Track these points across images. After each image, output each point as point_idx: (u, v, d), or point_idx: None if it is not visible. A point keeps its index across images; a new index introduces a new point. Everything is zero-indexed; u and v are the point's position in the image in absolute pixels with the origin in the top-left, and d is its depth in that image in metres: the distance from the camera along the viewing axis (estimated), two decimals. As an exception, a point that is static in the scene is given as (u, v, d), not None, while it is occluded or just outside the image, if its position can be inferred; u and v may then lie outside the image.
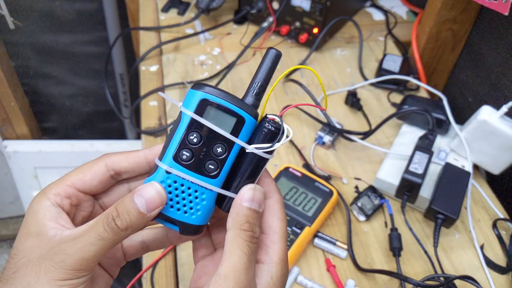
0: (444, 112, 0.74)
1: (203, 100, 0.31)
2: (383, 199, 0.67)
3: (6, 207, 1.57)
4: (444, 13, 0.83)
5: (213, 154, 0.32)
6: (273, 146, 0.32)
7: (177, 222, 0.32)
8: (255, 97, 0.33)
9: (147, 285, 0.60)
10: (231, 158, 0.33)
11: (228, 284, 0.28)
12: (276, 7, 0.92)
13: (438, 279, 0.58)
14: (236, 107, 0.32)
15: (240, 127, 0.32)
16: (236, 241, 0.30)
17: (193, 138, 0.31)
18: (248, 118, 0.32)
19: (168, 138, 0.33)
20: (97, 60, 1.37)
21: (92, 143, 1.15)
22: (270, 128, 0.32)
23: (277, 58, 0.33)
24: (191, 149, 0.32)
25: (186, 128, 0.31)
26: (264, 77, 0.33)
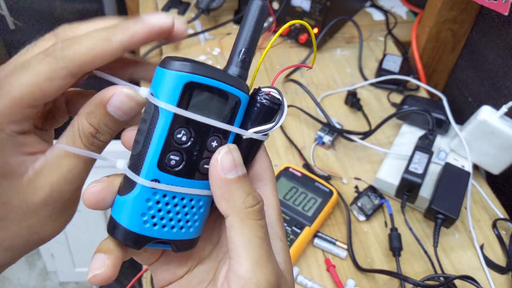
0: (444, 112, 0.74)
1: (188, 84, 0.23)
2: (383, 199, 0.67)
3: (6, 207, 1.57)
4: (444, 13, 0.83)
5: (207, 150, 0.25)
6: (276, 126, 0.26)
7: (171, 241, 0.26)
8: (242, 66, 0.26)
9: (147, 285, 0.60)
10: None
11: (258, 284, 0.23)
12: (276, 7, 0.92)
13: (438, 279, 0.58)
14: (226, 85, 0.25)
15: (236, 110, 0.25)
16: (246, 228, 0.24)
17: (181, 136, 0.24)
18: (241, 95, 0.25)
19: (141, 142, 0.24)
20: (97, 60, 1.37)
21: (92, 143, 1.15)
22: (268, 104, 0.26)
23: (262, 10, 0.26)
24: (179, 150, 0.24)
25: (168, 126, 0.24)
26: (249, 38, 0.26)
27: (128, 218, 0.25)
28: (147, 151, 0.24)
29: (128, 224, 0.25)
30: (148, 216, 0.25)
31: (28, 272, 1.58)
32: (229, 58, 0.26)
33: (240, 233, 0.24)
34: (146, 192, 0.24)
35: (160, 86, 0.24)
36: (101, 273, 0.24)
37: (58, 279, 1.53)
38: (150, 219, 0.25)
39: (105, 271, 0.24)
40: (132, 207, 0.24)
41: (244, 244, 0.24)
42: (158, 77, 0.24)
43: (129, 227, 0.25)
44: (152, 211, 0.25)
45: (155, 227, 0.25)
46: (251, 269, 0.23)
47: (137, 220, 0.24)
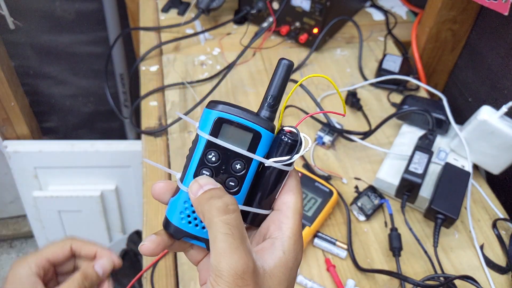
0: (444, 112, 0.74)
1: (218, 119, 0.32)
2: (383, 199, 0.67)
3: (6, 207, 1.57)
4: (444, 13, 0.83)
5: (232, 171, 0.32)
6: (291, 159, 0.32)
7: (203, 240, 0.33)
8: (270, 110, 0.33)
9: (147, 285, 0.60)
10: (251, 174, 0.33)
11: (222, 273, 0.27)
12: (276, 7, 0.92)
13: (438, 279, 0.58)
14: (251, 122, 0.32)
15: (257, 142, 0.32)
16: (213, 227, 0.29)
17: (211, 157, 0.32)
18: (264, 132, 0.32)
19: (187, 159, 0.33)
20: (97, 60, 1.37)
21: (92, 143, 1.15)
22: (287, 140, 0.32)
23: (289, 68, 0.33)
24: (210, 168, 0.32)
25: (203, 148, 0.32)
26: (277, 88, 0.33)
27: (171, 213, 0.33)
28: (188, 166, 0.33)
29: (171, 218, 0.33)
30: (184, 214, 0.33)
31: (28, 272, 1.58)
32: (261, 103, 0.33)
33: (210, 232, 0.29)
34: (184, 196, 0.33)
35: (201, 120, 0.33)
36: (145, 245, 0.32)
37: (58, 279, 1.53)
38: (186, 217, 0.33)
39: (149, 245, 0.32)
40: (174, 205, 0.33)
41: (212, 240, 0.29)
42: (203, 114, 0.33)
43: (171, 220, 0.33)
44: (187, 211, 0.33)
45: (190, 224, 0.33)
46: (216, 258, 0.28)
47: (176, 216, 0.33)
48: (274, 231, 0.32)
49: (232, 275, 0.27)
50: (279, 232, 0.32)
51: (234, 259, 0.28)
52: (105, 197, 1.24)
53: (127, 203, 1.30)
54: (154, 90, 0.85)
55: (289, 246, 0.31)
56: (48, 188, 1.22)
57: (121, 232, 1.36)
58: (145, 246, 0.32)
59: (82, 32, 1.30)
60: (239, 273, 0.27)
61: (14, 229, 1.62)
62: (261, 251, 0.31)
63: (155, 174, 0.72)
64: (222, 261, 0.28)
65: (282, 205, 0.33)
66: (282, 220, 0.32)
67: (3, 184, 1.45)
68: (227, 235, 0.28)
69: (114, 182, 1.24)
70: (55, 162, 1.16)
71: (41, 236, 1.35)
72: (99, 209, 1.25)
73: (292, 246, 0.31)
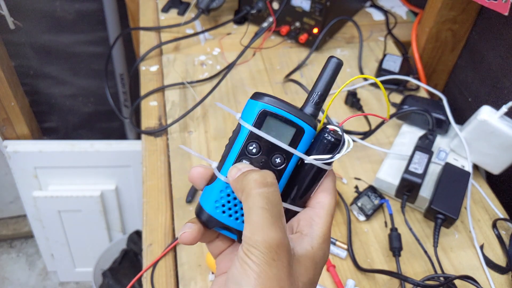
0: (444, 112, 0.74)
1: (263, 111, 0.31)
2: (383, 199, 0.67)
3: (6, 207, 1.57)
4: (444, 13, 0.83)
5: (271, 164, 0.32)
6: (333, 158, 0.32)
7: (235, 231, 0.33)
8: (315, 107, 0.33)
9: (147, 285, 0.60)
10: (290, 169, 0.32)
11: (257, 244, 0.27)
12: (276, 7, 0.92)
13: (438, 279, 0.58)
14: (295, 117, 0.31)
15: (299, 137, 0.32)
16: (250, 199, 0.28)
17: (252, 148, 0.32)
18: (307, 128, 0.32)
19: (226, 148, 0.33)
20: (97, 60, 1.37)
21: (92, 143, 1.15)
22: (330, 139, 0.32)
23: (338, 67, 0.32)
24: (250, 159, 0.32)
25: (245, 139, 0.32)
26: (324, 86, 0.32)
27: (206, 201, 0.33)
28: (228, 155, 0.32)
29: (205, 205, 0.33)
30: (219, 203, 0.32)
31: (28, 272, 1.58)
32: (306, 99, 0.33)
33: (245, 205, 0.29)
34: (221, 184, 0.32)
35: (245, 110, 0.32)
36: (187, 232, 0.32)
37: (58, 279, 1.53)
38: (220, 206, 0.32)
39: (191, 232, 0.32)
40: (210, 193, 0.33)
41: (248, 212, 0.28)
42: (247, 105, 0.32)
43: (205, 208, 0.33)
44: (223, 200, 0.32)
45: (224, 214, 0.32)
46: (251, 231, 0.28)
47: (211, 204, 0.32)
48: (304, 227, 0.32)
49: (267, 247, 0.27)
50: (309, 229, 0.31)
51: (270, 233, 0.27)
52: (105, 197, 1.24)
53: (127, 203, 1.30)
54: (154, 90, 0.85)
55: (318, 244, 0.31)
56: (48, 188, 1.22)
57: (121, 232, 1.36)
58: (186, 234, 0.32)
59: (82, 32, 1.31)
60: (273, 246, 0.27)
61: (14, 229, 1.62)
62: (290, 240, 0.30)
63: (155, 174, 0.72)
64: (257, 233, 0.27)
65: (316, 203, 0.33)
66: (314, 218, 0.32)
67: (3, 184, 1.45)
68: (263, 209, 0.28)
69: (114, 182, 1.24)
70: (55, 162, 1.16)
71: (41, 236, 1.35)
72: (99, 209, 1.25)
73: (320, 245, 0.31)
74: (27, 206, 1.26)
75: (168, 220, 0.66)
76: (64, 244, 1.35)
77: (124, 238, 1.35)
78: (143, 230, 0.65)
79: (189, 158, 0.73)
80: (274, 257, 0.27)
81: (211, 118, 0.80)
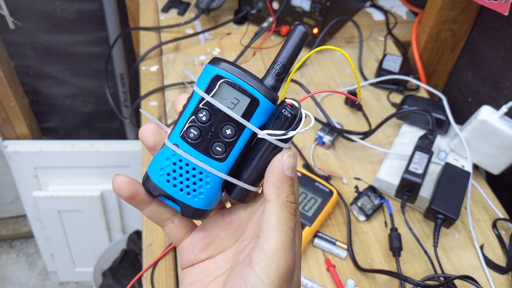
0: (444, 112, 0.74)
1: (216, 76, 0.29)
2: (383, 199, 0.67)
3: (6, 207, 1.57)
4: (444, 13, 0.83)
5: (221, 135, 0.29)
6: (287, 134, 0.29)
7: (179, 202, 0.31)
8: (276, 79, 0.30)
9: (147, 285, 0.60)
10: (241, 142, 0.30)
11: (278, 263, 0.27)
12: (276, 7, 0.92)
13: (438, 279, 0.58)
14: (251, 87, 0.29)
15: (253, 109, 0.29)
16: (282, 216, 0.28)
17: (202, 116, 0.29)
18: (263, 100, 0.29)
19: (178, 115, 0.31)
20: (97, 60, 1.37)
21: (92, 143, 1.15)
22: (286, 114, 0.29)
23: (304, 36, 0.30)
24: (199, 127, 0.29)
25: (195, 105, 0.29)
26: (288, 56, 0.30)
27: (151, 168, 0.31)
28: (177, 122, 0.30)
29: (150, 172, 0.31)
30: (164, 171, 0.30)
31: (28, 272, 1.58)
32: (267, 70, 0.30)
33: (275, 217, 0.28)
34: (167, 151, 0.30)
35: (201, 76, 0.30)
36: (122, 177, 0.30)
37: (58, 279, 1.53)
38: (165, 175, 0.30)
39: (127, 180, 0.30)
40: (155, 160, 0.31)
41: (276, 227, 0.28)
42: (203, 70, 0.30)
43: (150, 175, 0.31)
44: (168, 168, 0.30)
45: (168, 183, 0.30)
46: (276, 249, 0.27)
47: (156, 171, 0.31)
48: None
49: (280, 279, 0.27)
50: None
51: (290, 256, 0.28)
52: (105, 197, 1.24)
53: (127, 203, 1.30)
54: (154, 90, 0.85)
55: None
56: (48, 188, 1.22)
57: (121, 232, 1.36)
58: (120, 177, 0.30)
59: (82, 32, 1.31)
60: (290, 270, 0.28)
61: (14, 229, 1.62)
62: None
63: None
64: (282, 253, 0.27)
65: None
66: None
67: (3, 184, 1.45)
68: (291, 230, 0.28)
69: (114, 182, 1.23)
70: (55, 162, 1.16)
71: (41, 236, 1.35)
72: (99, 209, 1.25)
73: None
74: (27, 206, 1.26)
75: (168, 220, 0.66)
76: (64, 244, 1.35)
77: (124, 238, 1.35)
78: (143, 230, 0.65)
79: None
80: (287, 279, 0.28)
81: (211, 118, 0.80)
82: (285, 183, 0.29)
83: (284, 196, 0.29)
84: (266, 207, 0.29)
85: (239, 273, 0.28)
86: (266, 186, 0.29)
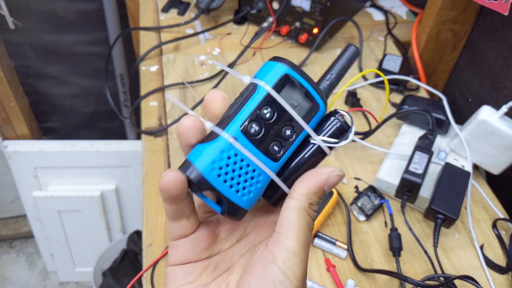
0: (444, 112, 0.74)
1: (285, 75, 0.29)
2: (383, 199, 0.67)
3: (6, 207, 1.57)
4: (444, 13, 0.83)
5: (281, 135, 0.29)
6: (340, 142, 0.30)
7: (225, 200, 0.29)
8: (328, 87, 0.31)
9: (147, 285, 0.60)
10: (296, 144, 0.30)
11: (302, 263, 0.28)
12: (276, 7, 0.92)
13: (438, 279, 0.58)
14: (315, 91, 0.30)
15: (313, 114, 0.30)
16: (304, 217, 0.29)
17: (266, 112, 0.29)
18: (322, 106, 0.30)
19: (233, 109, 0.29)
20: (97, 60, 1.37)
21: (92, 143, 1.15)
22: (340, 123, 0.30)
23: (355, 55, 0.32)
24: (261, 124, 0.29)
25: (261, 100, 0.29)
26: (340, 70, 0.32)
27: (201, 160, 0.28)
28: (236, 115, 0.29)
29: (199, 165, 0.28)
30: (217, 165, 0.28)
31: (28, 272, 1.58)
32: (321, 78, 0.32)
33: (297, 216, 0.28)
34: (223, 144, 0.28)
35: (264, 71, 0.29)
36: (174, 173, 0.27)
37: (58, 279, 1.53)
38: (218, 169, 0.28)
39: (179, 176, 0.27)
40: (208, 152, 0.28)
41: (297, 227, 0.28)
42: (265, 67, 0.30)
43: (199, 167, 0.28)
44: (222, 162, 0.28)
45: (219, 178, 0.28)
46: (299, 247, 0.28)
47: (207, 164, 0.28)
48: None
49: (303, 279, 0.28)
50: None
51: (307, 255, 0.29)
52: (105, 197, 1.24)
53: (127, 203, 1.30)
54: (154, 90, 0.85)
55: None
56: (48, 188, 1.22)
57: (121, 232, 1.36)
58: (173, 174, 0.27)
59: (82, 32, 1.31)
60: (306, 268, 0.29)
61: (14, 229, 1.62)
62: None
63: (155, 174, 0.72)
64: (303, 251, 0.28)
65: None
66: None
67: (3, 184, 1.45)
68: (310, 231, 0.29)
69: (114, 182, 1.24)
70: (55, 162, 1.16)
71: (41, 236, 1.35)
72: (99, 209, 1.25)
73: None
74: (27, 206, 1.26)
75: (168, 220, 0.66)
76: (64, 244, 1.35)
77: (124, 238, 1.35)
78: (143, 230, 0.65)
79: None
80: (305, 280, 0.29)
81: (211, 118, 0.80)
82: (318, 193, 0.30)
83: (309, 202, 0.29)
84: (289, 204, 0.29)
85: (263, 270, 0.28)
86: (298, 184, 0.30)
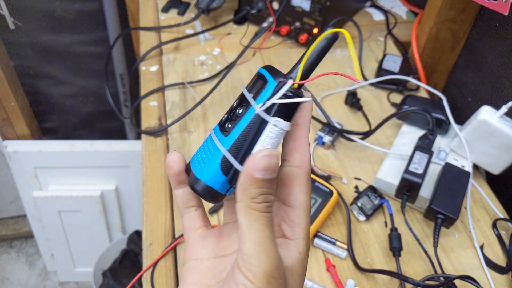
0: (444, 112, 0.74)
1: (258, 73, 0.31)
2: (383, 199, 0.67)
3: (6, 207, 1.57)
4: (444, 13, 0.83)
5: (235, 114, 0.30)
6: (271, 99, 0.29)
7: (191, 173, 0.32)
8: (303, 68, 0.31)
9: (147, 285, 0.60)
10: (245, 120, 0.29)
11: (260, 261, 0.27)
12: (276, 7, 0.92)
13: (438, 279, 0.58)
14: (268, 73, 0.30)
15: (262, 89, 0.30)
16: (250, 215, 0.28)
17: (234, 102, 0.31)
18: (271, 81, 0.29)
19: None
20: (97, 60, 1.37)
21: (92, 143, 1.15)
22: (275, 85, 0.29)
23: (333, 38, 0.30)
24: (229, 112, 0.31)
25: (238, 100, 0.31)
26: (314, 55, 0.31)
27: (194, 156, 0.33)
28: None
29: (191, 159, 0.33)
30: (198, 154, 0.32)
31: (28, 272, 1.58)
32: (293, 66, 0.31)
33: (244, 217, 0.28)
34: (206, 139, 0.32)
35: None
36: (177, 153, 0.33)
37: (58, 279, 1.53)
38: (197, 155, 0.32)
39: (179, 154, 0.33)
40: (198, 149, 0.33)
41: (246, 227, 0.27)
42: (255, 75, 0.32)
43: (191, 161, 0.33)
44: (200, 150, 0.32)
45: (194, 159, 0.32)
46: (253, 247, 0.27)
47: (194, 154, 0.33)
48: (286, 231, 0.31)
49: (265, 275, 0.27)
50: (292, 233, 0.31)
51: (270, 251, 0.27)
52: (105, 197, 1.24)
53: (127, 203, 1.30)
54: (154, 90, 0.85)
55: (303, 247, 0.31)
56: (48, 188, 1.22)
57: (121, 232, 1.36)
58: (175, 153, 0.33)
59: (82, 32, 1.31)
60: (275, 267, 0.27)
61: (14, 229, 1.62)
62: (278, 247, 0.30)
63: (155, 174, 0.72)
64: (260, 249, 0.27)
65: (293, 202, 0.31)
66: (294, 219, 0.31)
67: (3, 184, 1.45)
68: (264, 226, 0.28)
69: (114, 182, 1.24)
70: (55, 162, 1.16)
71: (41, 236, 1.35)
72: (99, 209, 1.25)
73: (305, 247, 0.31)
74: (27, 206, 1.26)
75: (168, 220, 0.66)
76: (64, 244, 1.35)
77: (124, 238, 1.35)
78: (143, 230, 0.65)
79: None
80: (270, 281, 0.27)
81: (211, 118, 0.80)
82: (254, 184, 0.27)
83: (249, 197, 0.28)
84: (236, 208, 0.28)
85: (231, 275, 0.28)
86: (237, 186, 0.29)
